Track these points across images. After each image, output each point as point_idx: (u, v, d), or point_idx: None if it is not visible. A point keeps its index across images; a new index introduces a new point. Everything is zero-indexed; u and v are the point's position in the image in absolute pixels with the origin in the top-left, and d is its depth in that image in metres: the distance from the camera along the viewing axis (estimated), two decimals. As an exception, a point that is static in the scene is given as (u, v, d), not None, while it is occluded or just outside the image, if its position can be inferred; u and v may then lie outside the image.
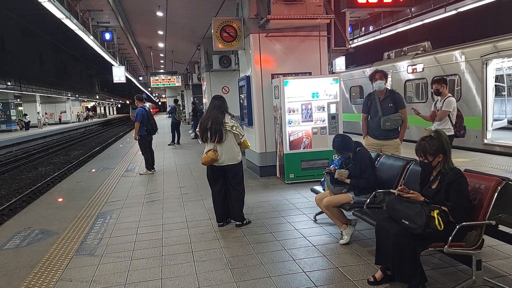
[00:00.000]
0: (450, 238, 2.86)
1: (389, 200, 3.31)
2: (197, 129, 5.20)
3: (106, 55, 18.07)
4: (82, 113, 56.06)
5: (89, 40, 14.07)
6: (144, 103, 9.55)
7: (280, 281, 3.49)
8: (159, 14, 12.80)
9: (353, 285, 3.35)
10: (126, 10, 14.03)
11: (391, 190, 3.39)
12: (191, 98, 23.78)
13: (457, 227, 2.86)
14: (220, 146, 4.96)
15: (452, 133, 6.11)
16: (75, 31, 12.45)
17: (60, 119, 48.47)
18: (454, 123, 6.21)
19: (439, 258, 3.74)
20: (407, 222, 2.97)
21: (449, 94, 6.27)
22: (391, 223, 3.16)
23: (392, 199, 3.26)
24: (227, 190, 5.18)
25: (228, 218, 5.26)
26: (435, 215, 2.85)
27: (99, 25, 16.06)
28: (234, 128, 5.00)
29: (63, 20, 10.84)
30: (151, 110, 9.65)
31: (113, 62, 19.58)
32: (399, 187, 3.28)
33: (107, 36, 15.65)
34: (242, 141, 5.13)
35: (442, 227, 2.86)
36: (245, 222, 5.16)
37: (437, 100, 6.38)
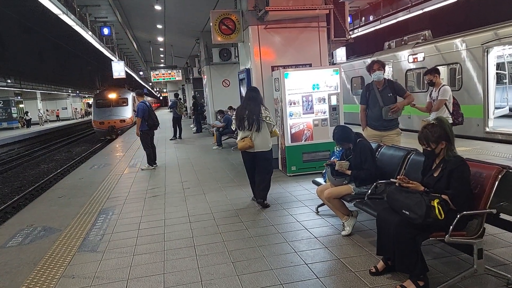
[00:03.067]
0: (451, 227, 2.85)
1: (389, 190, 3.30)
2: (233, 116, 5.80)
3: (105, 51, 18.02)
4: (77, 110, 54.21)
5: (87, 35, 14.02)
6: (144, 98, 9.53)
7: (282, 274, 3.50)
8: (157, 7, 12.74)
9: (355, 276, 3.36)
10: (123, 4, 13.98)
11: (392, 180, 3.38)
12: (192, 92, 23.75)
13: (458, 216, 2.85)
14: (256, 134, 5.50)
15: (450, 121, 6.09)
16: (73, 27, 12.39)
17: (57, 116, 48.09)
18: (451, 111, 6.19)
19: (440, 248, 3.74)
20: (407, 212, 2.96)
21: (443, 83, 6.25)
22: (391, 214, 3.16)
23: (392, 189, 3.25)
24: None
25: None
26: (435, 205, 2.84)
27: (97, 20, 16.02)
28: (268, 118, 5.58)
29: (60, 16, 10.78)
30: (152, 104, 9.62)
31: (112, 58, 19.52)
32: (399, 177, 3.27)
33: (105, 31, 15.60)
34: (273, 130, 5.70)
35: (443, 216, 2.84)
36: (266, 203, 5.63)
37: (432, 90, 6.36)
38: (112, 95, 24.98)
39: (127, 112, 24.33)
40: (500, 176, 2.89)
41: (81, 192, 7.39)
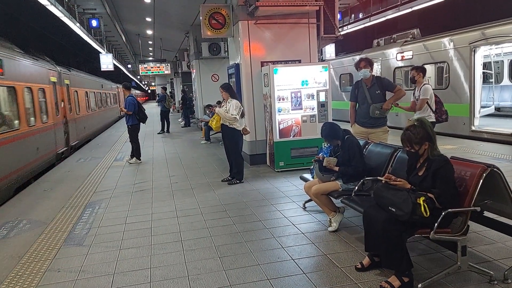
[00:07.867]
0: (436, 224, 2.89)
1: (376, 187, 3.33)
2: (242, 108, 6.67)
3: (93, 43, 17.75)
4: None
5: (75, 27, 13.78)
6: (131, 91, 9.45)
7: (268, 269, 3.51)
8: (147, 0, 12.59)
9: (341, 272, 3.39)
10: (112, -4, 13.79)
11: (379, 178, 3.40)
12: (181, 86, 23.59)
13: (443, 213, 2.89)
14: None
15: (433, 119, 6.16)
16: (61, 18, 12.17)
17: None
18: (434, 109, 6.26)
19: (425, 244, 3.79)
20: (393, 209, 2.99)
21: (425, 82, 6.29)
22: (378, 211, 3.19)
23: (379, 186, 3.28)
24: None
25: None
26: (421, 202, 2.88)
27: (86, 12, 15.77)
28: None
29: (47, 7, 10.57)
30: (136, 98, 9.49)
31: (100, 50, 19.26)
32: (386, 175, 3.30)
33: (94, 23, 15.37)
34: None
35: (428, 213, 2.88)
36: None
37: (414, 89, 6.42)
38: None
39: None
40: (484, 174, 2.93)
41: (67, 186, 7.31)
